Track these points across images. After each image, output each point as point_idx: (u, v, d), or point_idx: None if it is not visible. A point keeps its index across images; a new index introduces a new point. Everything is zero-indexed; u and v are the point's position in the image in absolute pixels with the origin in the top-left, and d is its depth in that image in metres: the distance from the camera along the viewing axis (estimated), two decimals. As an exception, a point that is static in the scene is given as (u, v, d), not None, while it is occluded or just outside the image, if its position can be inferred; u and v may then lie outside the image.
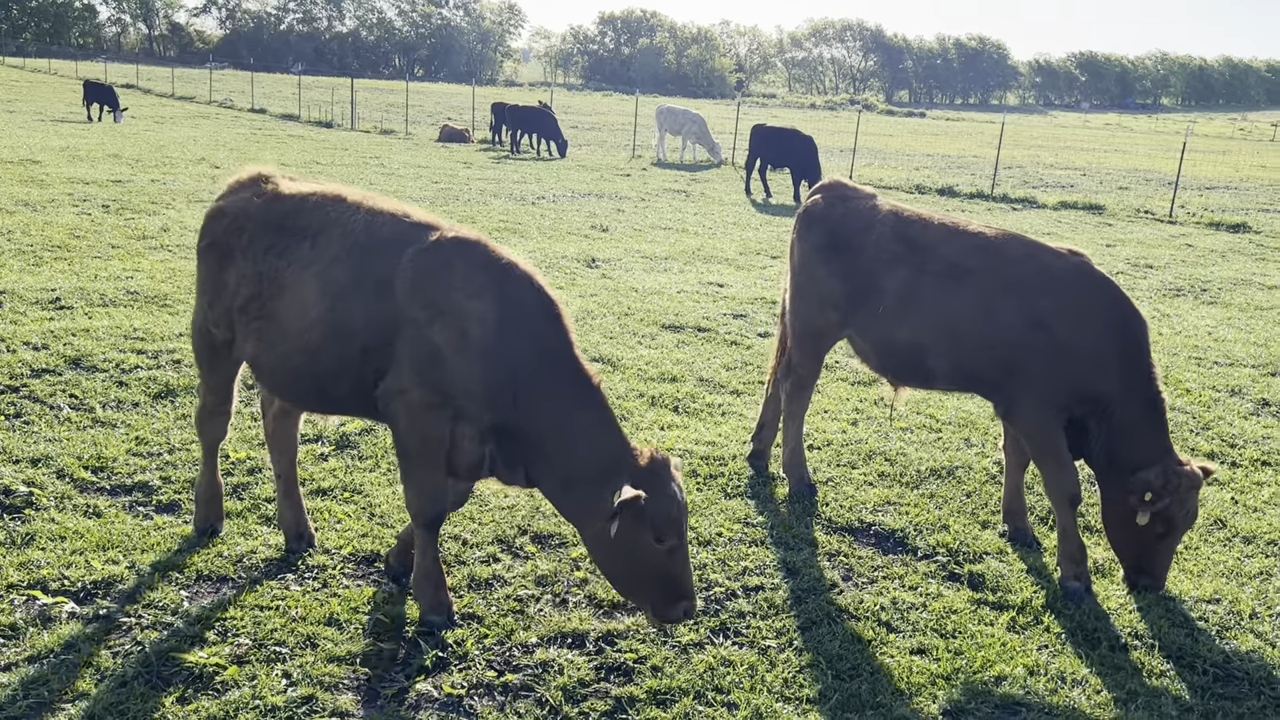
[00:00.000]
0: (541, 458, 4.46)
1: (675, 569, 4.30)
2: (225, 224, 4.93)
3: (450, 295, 4.41)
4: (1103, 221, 22.63)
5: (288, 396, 5.04)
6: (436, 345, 4.38)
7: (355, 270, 4.56)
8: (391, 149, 29.06)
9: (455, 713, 4.08)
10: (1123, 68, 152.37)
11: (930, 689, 4.47)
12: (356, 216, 4.71)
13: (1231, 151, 56.27)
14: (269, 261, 4.74)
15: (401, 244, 4.55)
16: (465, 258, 4.50)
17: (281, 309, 4.69)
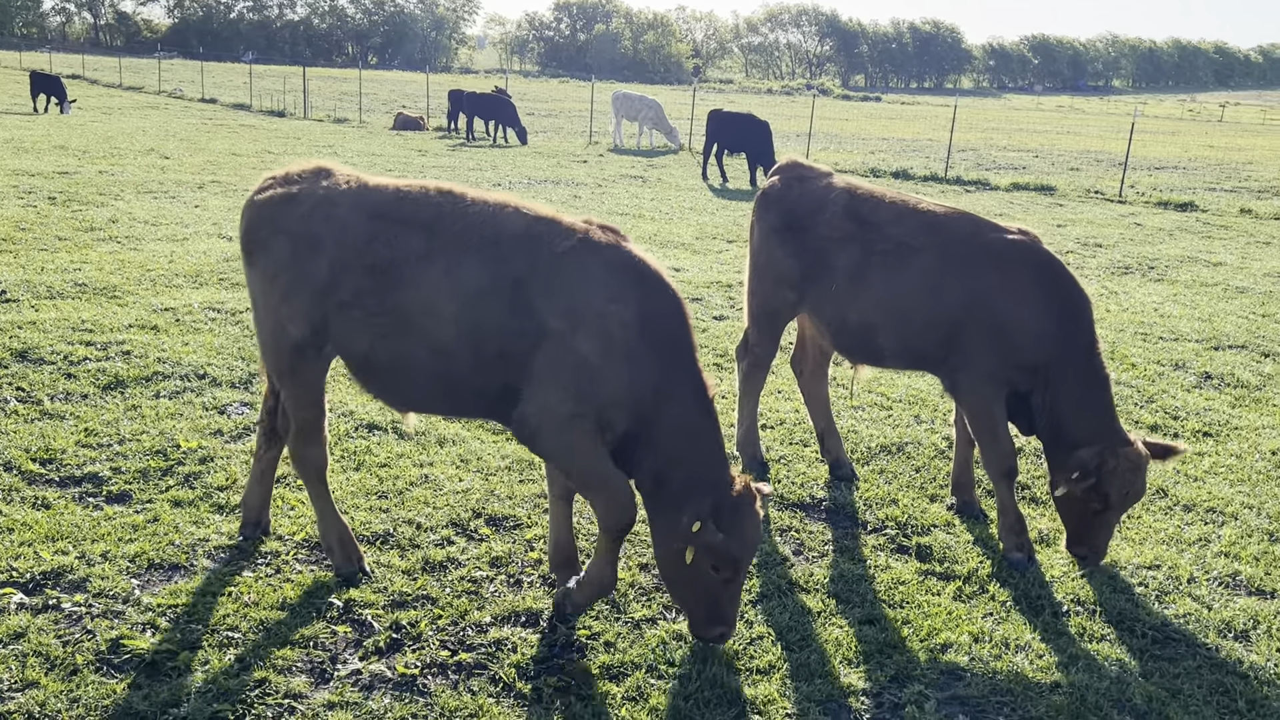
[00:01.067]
0: (649, 454, 4.38)
1: (724, 598, 4.31)
2: (304, 210, 4.56)
3: (591, 300, 4.26)
4: (1054, 202, 22.93)
5: (402, 397, 4.74)
6: (583, 355, 4.24)
7: (488, 267, 4.33)
8: (345, 137, 28.80)
9: (409, 692, 4.11)
10: (1074, 50, 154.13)
11: (879, 657, 4.57)
12: (473, 208, 4.47)
13: (1181, 132, 57.14)
14: (378, 252, 4.42)
15: (533, 240, 4.35)
16: (603, 258, 4.34)
17: (406, 305, 4.39)
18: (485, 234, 4.37)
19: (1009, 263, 5.66)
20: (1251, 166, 35.60)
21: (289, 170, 4.81)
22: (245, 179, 18.61)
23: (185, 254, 11.86)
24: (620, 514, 4.40)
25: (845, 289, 5.97)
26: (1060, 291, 5.63)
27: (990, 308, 5.57)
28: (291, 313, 4.57)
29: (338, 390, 7.53)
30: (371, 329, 4.46)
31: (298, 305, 4.55)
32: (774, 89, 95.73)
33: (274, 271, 4.59)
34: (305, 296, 4.53)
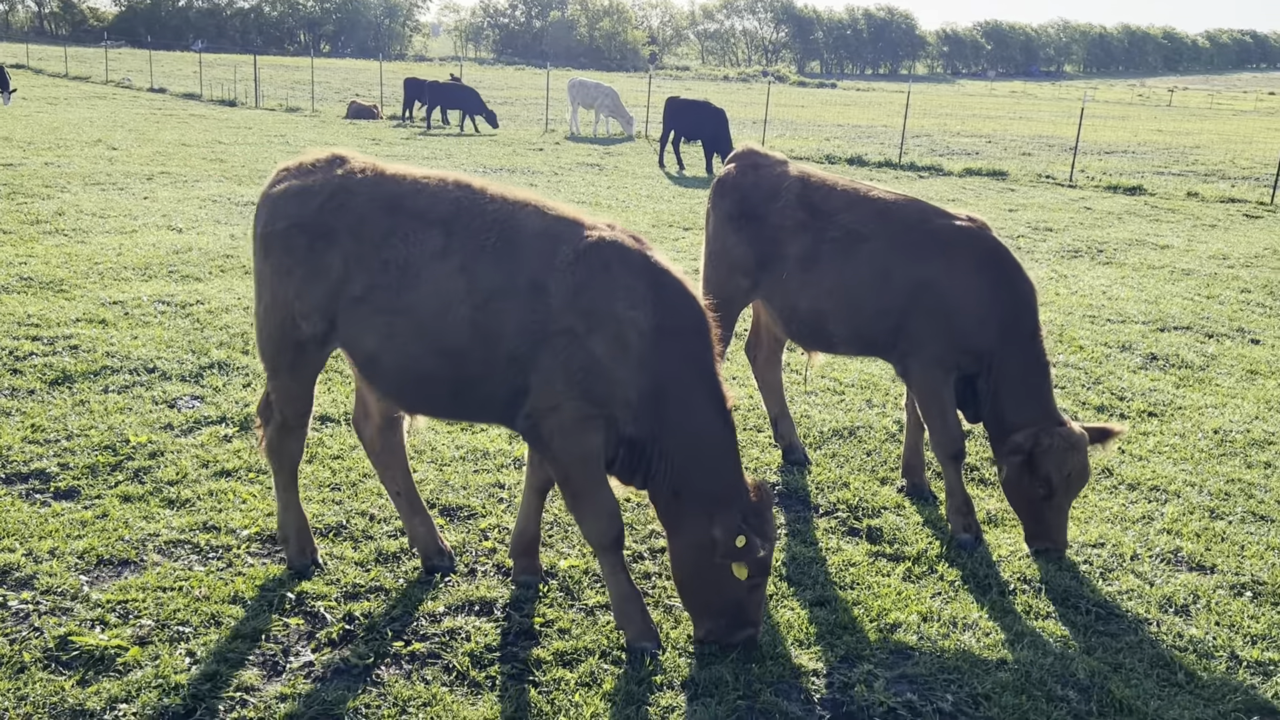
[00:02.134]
0: (663, 465, 4.32)
1: (749, 602, 4.31)
2: (318, 202, 4.45)
3: (611, 303, 4.18)
4: (1006, 187, 23.21)
5: (409, 399, 4.63)
6: (595, 356, 4.16)
7: (505, 267, 4.23)
8: (297, 126, 28.47)
9: (362, 682, 4.12)
10: (1027, 36, 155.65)
11: (829, 638, 4.64)
12: (491, 205, 4.36)
13: (1130, 117, 57.95)
14: (394, 247, 4.31)
15: (553, 241, 4.25)
16: (624, 262, 4.26)
17: (417, 303, 4.29)
18: (503, 233, 4.27)
19: (956, 249, 5.74)
20: (1199, 150, 36.22)
21: (303, 160, 4.71)
22: (195, 170, 18.36)
23: (134, 246, 11.70)
24: (609, 525, 4.35)
25: (796, 277, 6.02)
26: (1005, 278, 5.72)
27: (937, 294, 5.65)
28: (305, 309, 4.48)
29: (290, 382, 7.47)
30: (381, 327, 4.36)
31: (311, 301, 4.46)
32: (730, 76, 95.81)
33: (288, 266, 4.48)
34: (319, 292, 4.43)
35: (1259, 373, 9.27)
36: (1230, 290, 12.92)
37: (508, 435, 6.75)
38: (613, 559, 4.42)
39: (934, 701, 4.20)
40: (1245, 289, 13.08)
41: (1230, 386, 8.81)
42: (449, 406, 4.65)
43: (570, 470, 4.31)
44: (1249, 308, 12.00)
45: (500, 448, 6.55)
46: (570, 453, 4.27)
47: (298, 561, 4.91)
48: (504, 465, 6.30)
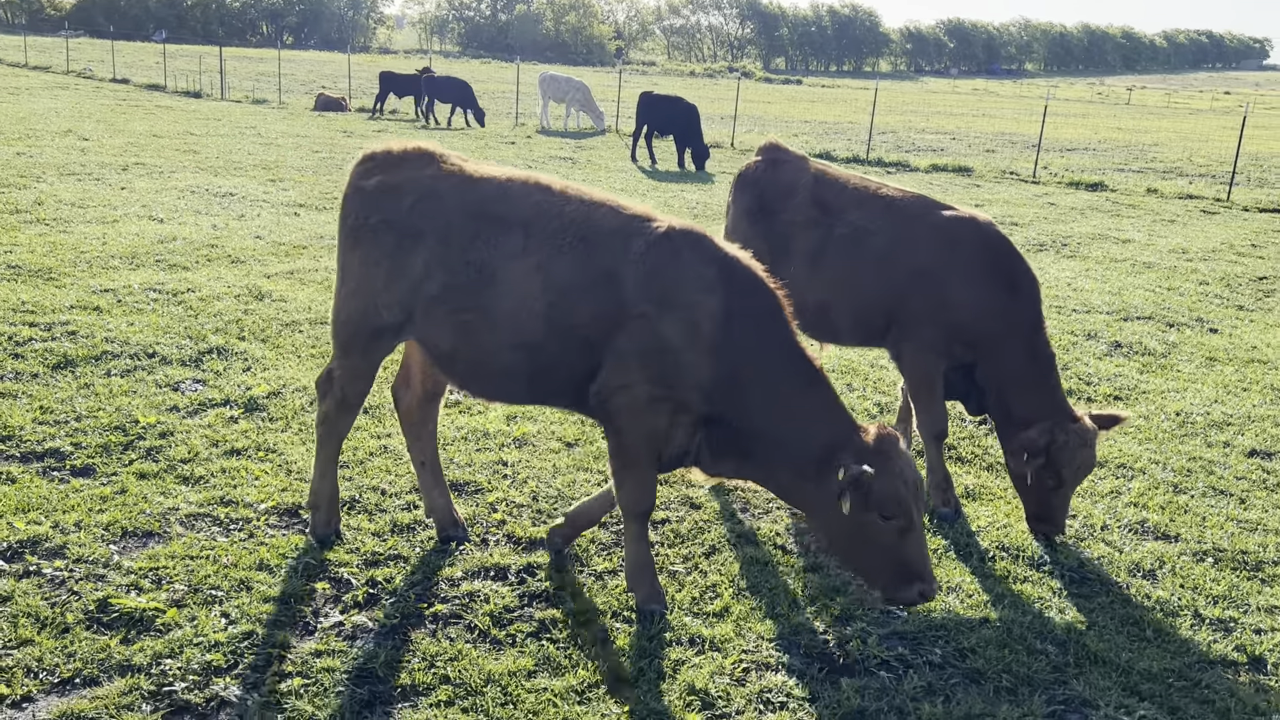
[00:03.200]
0: (761, 448, 4.41)
1: (908, 550, 4.23)
2: (408, 202, 4.68)
3: (682, 289, 4.34)
4: (972, 183, 23.70)
5: (485, 390, 4.85)
6: (667, 339, 4.31)
7: (580, 263, 4.41)
8: (267, 119, 28.40)
9: (391, 639, 4.36)
10: (989, 34, 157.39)
11: (823, 600, 4.94)
12: (570, 206, 4.54)
13: (1090, 115, 58.92)
14: (477, 250, 4.52)
15: (626, 235, 4.43)
16: (694, 251, 4.42)
17: (495, 303, 4.49)
18: (580, 232, 4.45)
19: (955, 240, 5.88)
20: (1157, 148, 37.03)
21: (390, 149, 4.87)
22: (170, 161, 18.38)
23: (117, 236, 11.78)
24: (644, 496, 4.55)
25: (805, 271, 6.16)
26: (1004, 270, 5.85)
27: (934, 281, 5.83)
28: (389, 300, 4.72)
29: (288, 368, 7.67)
30: (457, 324, 4.57)
31: (395, 294, 4.70)
32: (696, 71, 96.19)
33: (376, 258, 4.72)
34: (403, 286, 4.66)
35: (1217, 359, 9.70)
36: (1189, 282, 13.40)
37: (505, 417, 6.99)
38: (638, 527, 4.63)
39: (924, 655, 4.51)
40: (1204, 281, 13.56)
41: (1191, 372, 9.22)
42: (524, 394, 4.82)
43: (629, 443, 4.48)
44: (1207, 299, 12.46)
45: (500, 429, 6.79)
46: (635, 430, 4.44)
47: (321, 530, 5.13)
48: (505, 445, 6.54)
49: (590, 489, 5.94)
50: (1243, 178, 27.34)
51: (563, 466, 6.25)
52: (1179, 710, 4.25)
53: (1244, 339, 10.53)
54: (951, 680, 4.36)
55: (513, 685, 4.09)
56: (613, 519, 5.55)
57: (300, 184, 16.78)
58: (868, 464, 4.13)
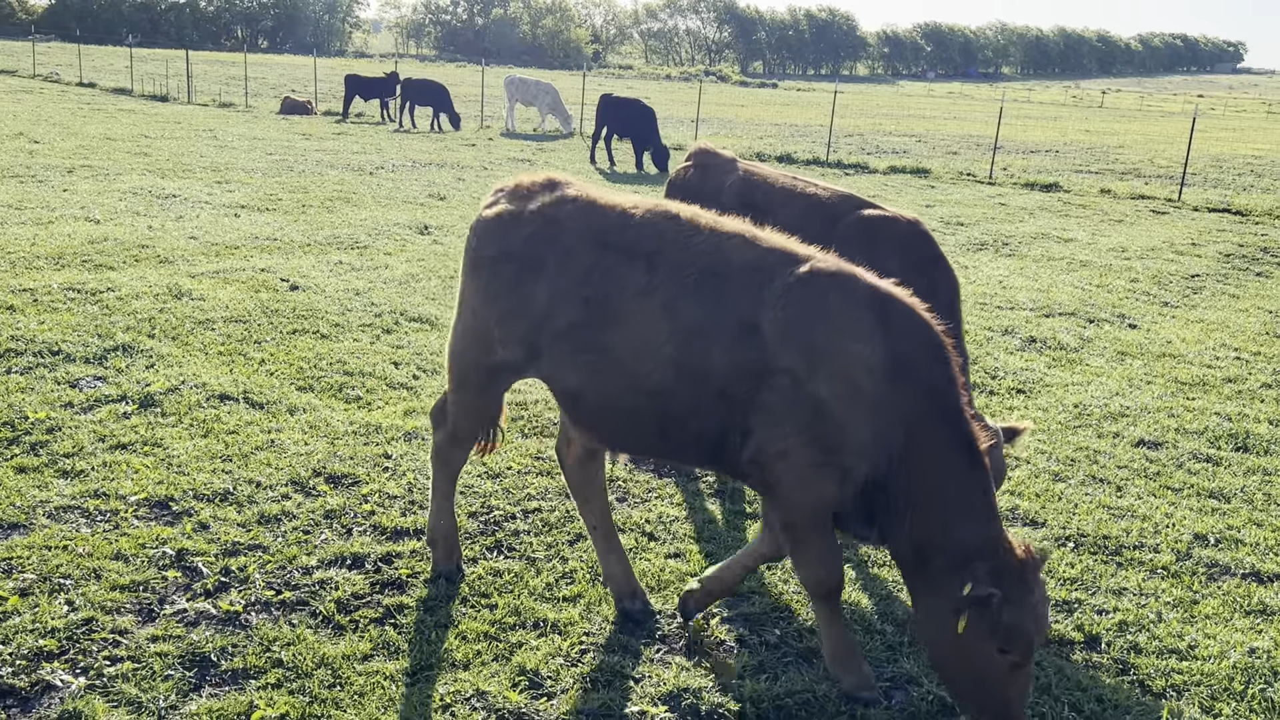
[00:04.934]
0: (903, 516, 3.89)
1: (1012, 688, 3.71)
2: (528, 231, 4.36)
3: (832, 339, 3.87)
4: (927, 184, 23.88)
5: (613, 438, 4.45)
6: (821, 399, 3.83)
7: (710, 304, 3.99)
8: (229, 121, 28.37)
9: (232, 626, 4.42)
10: (965, 38, 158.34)
11: (677, 584, 5.02)
12: (698, 237, 4.14)
13: (1063, 117, 59.37)
14: (596, 284, 4.16)
15: (762, 274, 3.99)
16: (844, 292, 3.94)
17: (617, 343, 4.11)
18: (709, 266, 4.05)
19: (875, 238, 5.92)
20: (1121, 150, 37.37)
21: (520, 182, 4.61)
22: (118, 163, 18.35)
23: (49, 236, 11.78)
24: (829, 574, 4.06)
25: None
26: (923, 269, 5.82)
27: None
28: (506, 336, 4.40)
29: (193, 365, 7.71)
30: (583, 365, 4.21)
31: (514, 330, 4.37)
32: (673, 75, 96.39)
33: (495, 293, 4.41)
34: (523, 323, 4.33)
35: (1129, 354, 9.85)
36: (1121, 280, 13.58)
37: (402, 412, 7.06)
38: (830, 608, 4.16)
39: (763, 635, 4.61)
40: (1135, 279, 13.74)
41: (1099, 366, 9.36)
42: (656, 445, 4.38)
43: (797, 517, 4.02)
44: (1134, 296, 12.64)
45: (394, 423, 6.85)
46: (800, 502, 3.98)
47: (444, 565, 4.93)
48: (394, 439, 6.61)
49: (471, 481, 6.02)
50: (1199, 179, 27.65)
51: (447, 459, 6.31)
52: (1002, 687, 4.35)
53: (1160, 334, 10.69)
54: (785, 659, 4.45)
55: (345, 668, 4.16)
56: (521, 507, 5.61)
57: (246, 186, 16.80)
58: (1014, 586, 3.63)
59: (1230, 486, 6.71)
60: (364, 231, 13.55)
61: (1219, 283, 13.89)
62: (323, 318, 9.17)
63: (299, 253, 11.97)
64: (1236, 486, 6.72)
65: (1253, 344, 10.50)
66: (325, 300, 9.77)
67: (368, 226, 13.94)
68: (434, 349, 8.56)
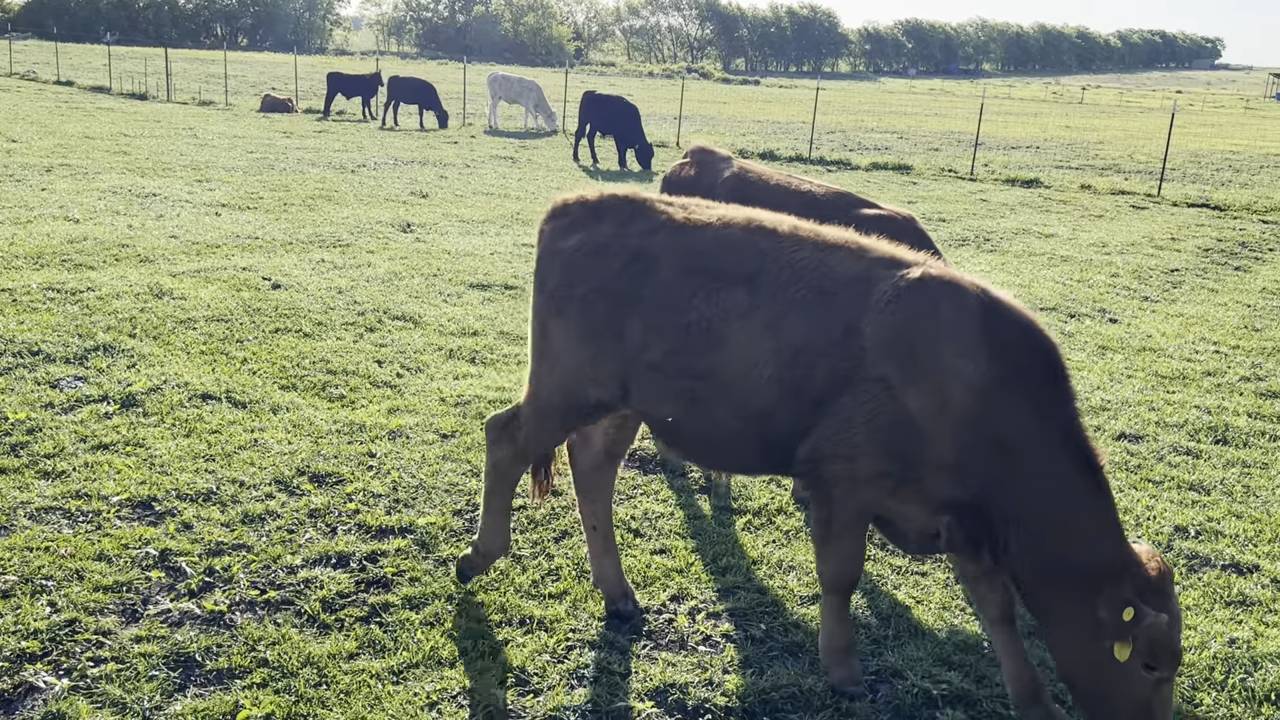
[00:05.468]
0: (1019, 543, 3.71)
1: (1157, 706, 3.57)
2: (619, 265, 4.11)
3: (935, 352, 3.68)
4: (909, 180, 23.97)
5: (715, 461, 4.42)
6: (908, 411, 3.68)
7: (816, 319, 3.83)
8: (208, 120, 28.21)
9: (216, 626, 4.40)
10: (946, 35, 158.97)
11: (663, 580, 5.03)
12: (801, 253, 3.96)
13: (1043, 114, 59.73)
14: (696, 310, 3.98)
15: (867, 282, 3.83)
16: (953, 302, 3.72)
17: (720, 367, 3.95)
18: (814, 282, 3.88)
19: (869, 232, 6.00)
20: (1101, 146, 37.62)
21: (585, 198, 4.34)
22: (97, 162, 18.22)
23: (28, 236, 11.69)
24: (848, 569, 4.01)
25: None
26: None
27: None
28: (598, 375, 4.20)
29: (175, 364, 7.67)
30: (682, 393, 4.04)
31: (608, 369, 4.17)
32: (655, 72, 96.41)
33: (585, 331, 4.18)
34: (615, 360, 4.14)
35: (1110, 348, 9.91)
36: (1102, 275, 13.67)
37: (385, 410, 7.05)
38: (838, 601, 4.12)
39: (749, 630, 4.62)
40: (1116, 273, 13.84)
41: (1081, 360, 9.41)
42: (759, 464, 4.27)
43: (839, 516, 3.93)
44: (1114, 291, 12.72)
45: (377, 421, 6.83)
46: (848, 504, 3.89)
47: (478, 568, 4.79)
48: (378, 437, 6.59)
49: (456, 479, 6.01)
50: (1178, 174, 27.87)
51: (431, 458, 6.30)
52: (986, 679, 4.38)
53: (1140, 328, 10.77)
54: (770, 654, 4.47)
55: (330, 667, 4.15)
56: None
57: (227, 184, 16.71)
58: (1156, 600, 3.52)
59: (1210, 479, 6.77)
60: (346, 229, 13.50)
61: (1198, 277, 14.00)
62: (305, 316, 9.13)
63: (281, 251, 11.92)
64: (1216, 479, 6.79)
65: (1231, 338, 10.60)
66: (307, 299, 9.73)
67: (350, 224, 13.89)
68: (417, 347, 8.54)
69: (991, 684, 4.35)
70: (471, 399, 7.36)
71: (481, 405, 7.24)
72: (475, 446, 6.50)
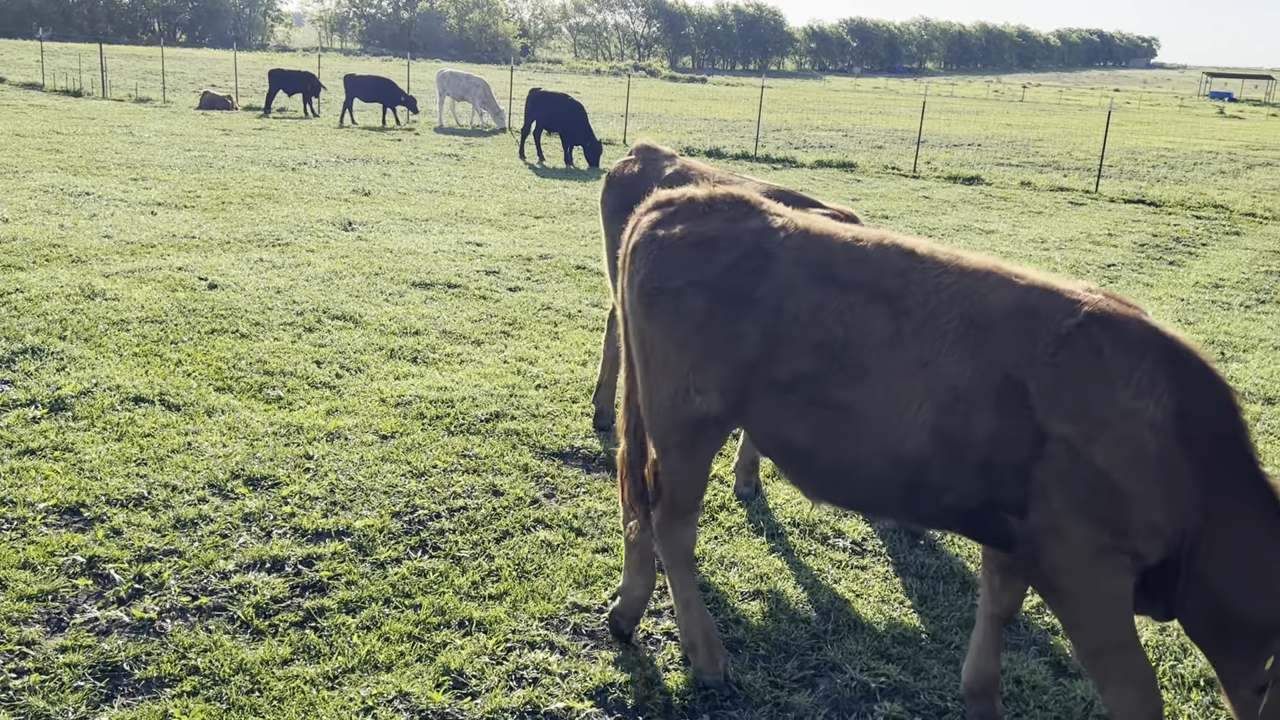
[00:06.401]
0: (1194, 590, 3.37)
1: None
2: (727, 260, 3.75)
3: (1112, 397, 3.29)
4: (853, 178, 24.17)
5: (850, 501, 3.92)
6: (1101, 470, 3.27)
7: (971, 359, 3.40)
8: (145, 117, 27.65)
9: (145, 634, 4.29)
10: (890, 33, 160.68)
11: (604, 579, 5.01)
12: (947, 277, 3.53)
13: (985, 112, 60.57)
14: (828, 327, 3.58)
15: (1028, 321, 3.39)
16: (1120, 340, 3.33)
17: (860, 401, 3.53)
18: (966, 313, 3.45)
19: None
20: (1041, 143, 38.25)
21: (693, 195, 4.00)
22: (28, 160, 17.77)
23: (-46, 236, 11.36)
24: (1147, 700, 3.41)
25: None
26: None
27: None
28: (704, 383, 3.81)
29: (106, 367, 7.49)
30: (814, 423, 3.64)
31: (713, 375, 3.78)
32: (602, 70, 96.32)
33: (685, 333, 3.79)
34: (725, 367, 3.76)
35: (1048, 342, 10.06)
36: (1041, 270, 13.86)
37: (324, 411, 6.94)
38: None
39: (689, 628, 4.61)
40: (1054, 269, 14.05)
41: (1019, 354, 9.54)
42: (901, 512, 3.85)
43: (1083, 617, 3.40)
44: (1053, 285, 12.91)
45: (315, 423, 6.73)
46: (1082, 595, 3.38)
47: (709, 674, 4.23)
48: (316, 439, 6.49)
49: (396, 480, 5.94)
50: (1116, 171, 28.43)
51: (370, 459, 6.22)
52: (924, 670, 4.42)
53: (1077, 322, 10.93)
54: (711, 652, 4.46)
55: (263, 674, 4.07)
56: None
57: (164, 183, 16.39)
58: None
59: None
60: (286, 228, 13.30)
61: (1134, 272, 14.28)
62: (242, 317, 8.97)
63: (218, 251, 11.71)
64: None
65: (1165, 331, 10.80)
66: (245, 299, 9.57)
67: (290, 223, 13.69)
68: (357, 347, 8.43)
69: (929, 676, 4.39)
70: (413, 399, 7.28)
71: (422, 405, 7.16)
72: (415, 447, 6.43)
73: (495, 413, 7.15)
